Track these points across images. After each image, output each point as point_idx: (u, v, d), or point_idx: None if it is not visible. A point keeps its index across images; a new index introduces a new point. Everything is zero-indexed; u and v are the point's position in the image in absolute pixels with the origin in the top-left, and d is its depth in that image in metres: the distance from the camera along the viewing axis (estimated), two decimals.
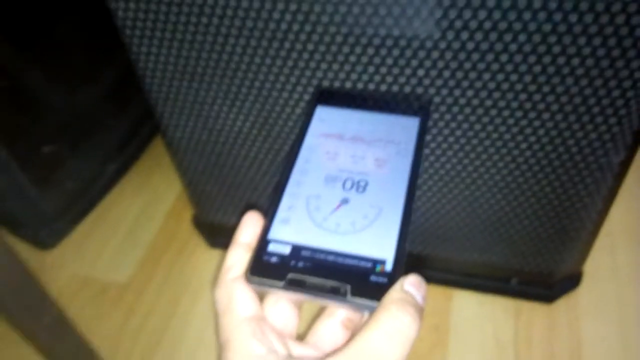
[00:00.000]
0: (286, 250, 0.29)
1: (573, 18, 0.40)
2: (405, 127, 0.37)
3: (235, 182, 0.66)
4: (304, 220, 0.31)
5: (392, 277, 0.28)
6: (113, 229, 0.86)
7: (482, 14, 0.41)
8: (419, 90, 0.48)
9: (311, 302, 0.28)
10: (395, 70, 0.47)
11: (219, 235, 0.80)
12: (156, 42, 0.52)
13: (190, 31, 0.50)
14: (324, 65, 0.48)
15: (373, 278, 0.28)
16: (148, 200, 0.90)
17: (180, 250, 0.82)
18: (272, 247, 0.29)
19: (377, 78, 0.48)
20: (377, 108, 0.39)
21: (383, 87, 0.48)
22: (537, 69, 0.44)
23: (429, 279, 0.28)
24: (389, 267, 0.28)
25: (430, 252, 0.68)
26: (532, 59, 0.43)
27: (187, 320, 0.74)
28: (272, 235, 0.30)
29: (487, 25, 0.41)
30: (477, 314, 0.71)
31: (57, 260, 0.82)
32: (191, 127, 0.60)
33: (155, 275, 0.79)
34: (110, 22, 0.52)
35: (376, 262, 0.28)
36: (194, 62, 0.53)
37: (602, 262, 0.75)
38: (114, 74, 0.87)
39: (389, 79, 0.48)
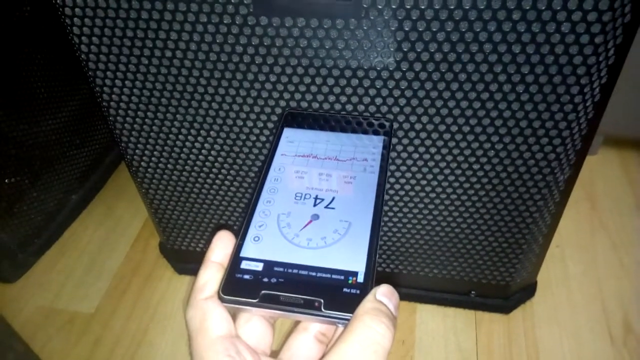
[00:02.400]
0: (259, 267, 0.29)
1: (516, 49, 0.43)
2: (371, 146, 0.38)
3: (202, 209, 0.67)
4: (276, 237, 0.31)
5: (365, 289, 0.28)
6: (77, 259, 0.85)
7: (433, 47, 0.44)
8: (382, 110, 0.50)
9: (285, 318, 0.28)
10: (354, 99, 0.49)
11: (186, 262, 0.80)
12: (120, 75, 0.52)
13: (154, 64, 0.51)
14: (286, 95, 0.50)
15: (346, 290, 0.28)
16: (112, 229, 0.90)
17: (147, 278, 0.82)
18: (244, 265, 0.30)
19: (338, 106, 0.50)
20: (343, 128, 0.40)
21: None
22: (485, 95, 0.47)
23: None
24: (361, 278, 0.29)
25: (394, 268, 0.70)
26: (480, 86, 0.46)
27: (156, 348, 0.73)
28: (244, 253, 0.30)
29: (438, 56, 0.44)
30: (441, 326, 0.73)
31: (20, 293, 0.80)
32: (157, 157, 0.61)
33: (122, 304, 0.78)
34: (71, 53, 0.53)
35: (348, 274, 0.29)
36: (158, 94, 0.54)
37: (554, 272, 0.78)
38: (75, 104, 0.86)
39: (349, 106, 0.50)
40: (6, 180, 0.77)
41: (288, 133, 0.40)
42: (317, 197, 0.34)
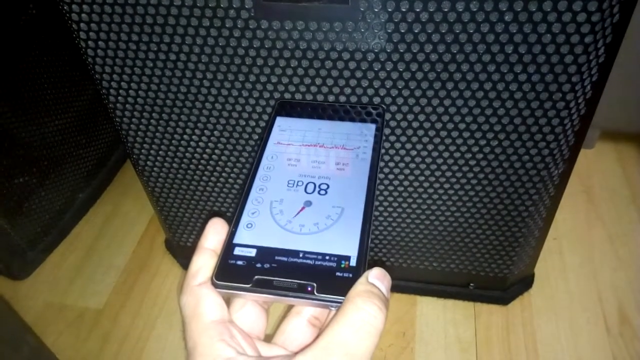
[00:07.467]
0: (252, 253, 0.30)
1: (509, 49, 0.44)
2: (363, 133, 0.39)
3: (207, 206, 0.69)
4: (269, 223, 0.32)
5: (357, 272, 0.28)
6: (85, 256, 0.87)
7: (428, 47, 0.45)
8: (376, 98, 0.50)
9: (279, 302, 0.28)
10: (354, 100, 0.51)
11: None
12: (126, 77, 0.54)
13: (159, 66, 0.52)
14: (283, 86, 0.52)
15: (338, 274, 0.28)
16: (119, 226, 0.92)
17: (154, 274, 0.83)
18: (237, 251, 0.30)
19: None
20: (335, 117, 0.41)
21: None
22: (480, 94, 0.48)
23: (394, 288, 0.30)
24: (353, 262, 0.29)
25: (394, 262, 0.72)
26: (474, 85, 0.48)
27: (164, 343, 0.75)
28: (237, 239, 0.31)
29: (433, 57, 0.46)
30: (440, 318, 0.75)
31: (30, 290, 0.82)
32: (162, 155, 0.63)
33: (130, 299, 0.80)
34: (76, 54, 0.54)
35: (341, 258, 0.29)
36: (163, 95, 0.55)
37: (551, 264, 0.80)
38: (80, 104, 0.88)
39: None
40: (15, 180, 0.79)
41: (280, 122, 0.40)
42: (309, 184, 0.34)
